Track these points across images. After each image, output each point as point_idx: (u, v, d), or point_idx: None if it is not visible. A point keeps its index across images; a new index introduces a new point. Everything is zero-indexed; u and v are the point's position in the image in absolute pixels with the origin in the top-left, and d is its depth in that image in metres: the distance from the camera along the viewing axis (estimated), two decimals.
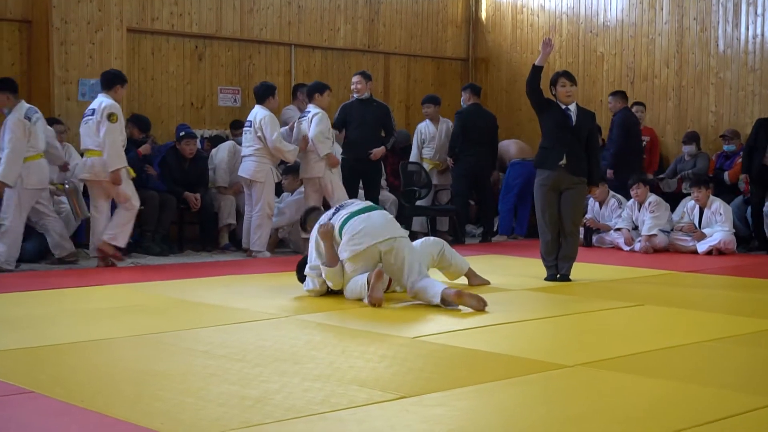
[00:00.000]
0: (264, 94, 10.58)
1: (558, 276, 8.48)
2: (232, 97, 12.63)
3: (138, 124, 11.09)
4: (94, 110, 9.48)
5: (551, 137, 8.40)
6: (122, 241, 9.65)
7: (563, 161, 8.31)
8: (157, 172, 10.94)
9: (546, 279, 8.50)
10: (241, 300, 7.43)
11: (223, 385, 4.68)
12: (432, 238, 8.27)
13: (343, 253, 7.21)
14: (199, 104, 12.55)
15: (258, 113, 10.49)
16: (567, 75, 8.54)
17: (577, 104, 8.51)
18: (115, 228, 9.55)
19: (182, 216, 11.22)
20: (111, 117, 9.35)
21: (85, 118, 9.60)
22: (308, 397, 4.46)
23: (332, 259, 7.26)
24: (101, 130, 9.34)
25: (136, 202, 9.69)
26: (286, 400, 4.42)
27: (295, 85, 12.58)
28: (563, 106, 8.40)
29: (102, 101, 9.49)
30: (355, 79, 11.55)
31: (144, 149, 10.81)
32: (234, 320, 6.50)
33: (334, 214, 7.44)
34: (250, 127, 10.53)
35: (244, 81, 12.77)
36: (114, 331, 6.14)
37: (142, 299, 7.52)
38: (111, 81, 9.61)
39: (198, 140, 11.43)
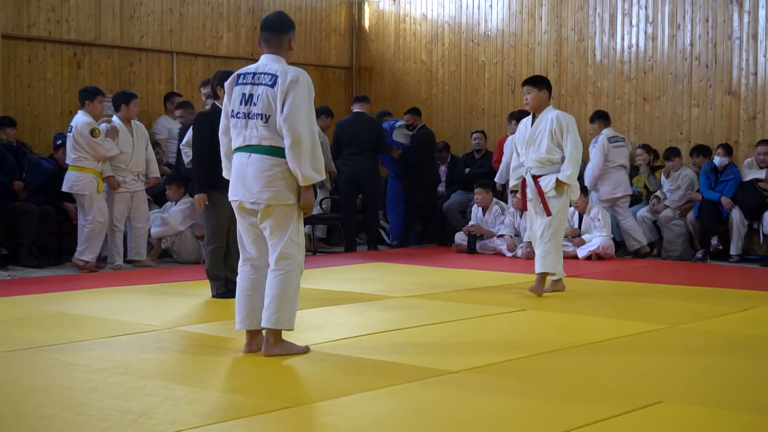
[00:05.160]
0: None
1: None
2: (111, 105, 12.37)
3: (8, 124, 10.86)
4: (72, 127, 10.06)
5: None
6: (89, 256, 10.08)
7: None
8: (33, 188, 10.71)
9: None
10: (124, 312, 7.30)
11: (105, 400, 4.59)
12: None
13: None
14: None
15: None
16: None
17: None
18: (82, 244, 10.08)
19: (61, 227, 10.97)
20: (93, 132, 9.97)
21: (68, 134, 10.13)
22: (193, 409, 4.41)
23: None
24: (83, 147, 9.96)
25: (100, 218, 10.07)
26: (170, 413, 4.35)
27: (167, 94, 12.43)
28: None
29: (77, 120, 10.05)
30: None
31: None
32: (116, 333, 6.38)
33: None
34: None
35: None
36: None
37: (19, 312, 7.31)
38: (82, 97, 10.27)
39: None
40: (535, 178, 8.24)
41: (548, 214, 8.15)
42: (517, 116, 12.38)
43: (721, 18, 11.93)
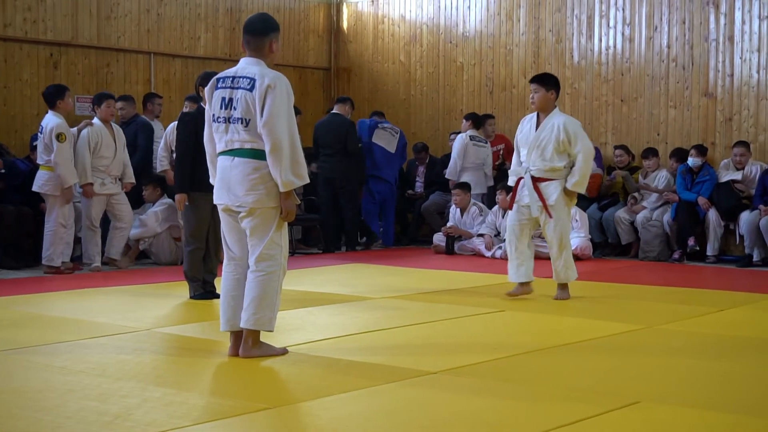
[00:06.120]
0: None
1: None
2: (89, 105, 12.31)
3: None
4: (42, 128, 9.88)
5: None
6: (57, 261, 9.92)
7: None
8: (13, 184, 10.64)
9: None
10: (101, 314, 7.26)
11: (82, 402, 4.56)
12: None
13: None
14: None
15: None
16: None
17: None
18: (48, 249, 9.92)
19: (38, 228, 10.88)
20: (60, 137, 9.73)
21: (39, 135, 9.97)
22: (170, 411, 4.39)
23: None
24: (53, 149, 9.73)
25: (63, 221, 9.94)
26: (147, 414, 4.33)
27: (146, 95, 12.39)
28: None
29: (48, 121, 9.85)
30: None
31: None
32: (93, 335, 6.35)
33: None
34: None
35: (101, 89, 12.38)
36: None
37: None
38: (51, 98, 9.94)
39: None
40: (534, 180, 7.92)
41: (551, 216, 7.91)
42: (471, 118, 12.54)
43: (698, 20, 11.99)
